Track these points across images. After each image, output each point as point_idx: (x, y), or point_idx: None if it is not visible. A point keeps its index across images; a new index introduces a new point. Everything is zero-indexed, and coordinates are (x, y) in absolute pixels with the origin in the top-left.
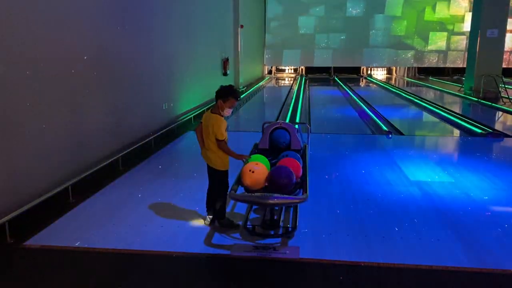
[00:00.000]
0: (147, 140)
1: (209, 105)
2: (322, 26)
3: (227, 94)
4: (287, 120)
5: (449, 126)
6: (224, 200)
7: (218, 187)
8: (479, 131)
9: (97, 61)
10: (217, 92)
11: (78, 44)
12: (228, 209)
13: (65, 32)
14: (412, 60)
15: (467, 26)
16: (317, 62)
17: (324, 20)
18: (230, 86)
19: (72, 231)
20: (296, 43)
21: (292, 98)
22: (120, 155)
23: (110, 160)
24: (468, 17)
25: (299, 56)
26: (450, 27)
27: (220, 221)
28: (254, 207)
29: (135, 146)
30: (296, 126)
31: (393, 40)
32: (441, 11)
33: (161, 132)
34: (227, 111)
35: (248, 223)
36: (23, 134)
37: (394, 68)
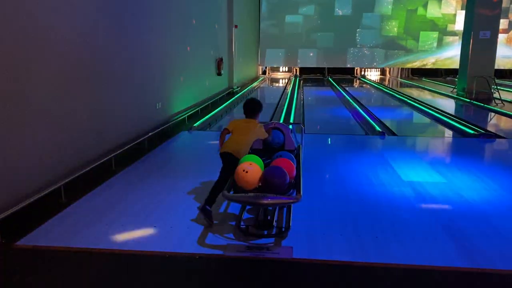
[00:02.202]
0: (140, 139)
1: (203, 105)
2: (309, 26)
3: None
4: (281, 120)
5: (441, 127)
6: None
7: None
8: (472, 132)
9: (89, 60)
10: (260, 107)
11: (71, 43)
12: (221, 209)
13: (55, 29)
14: (403, 61)
15: (458, 26)
16: (302, 62)
17: (312, 19)
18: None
19: (64, 231)
20: (282, 43)
21: (286, 99)
22: (113, 154)
23: (103, 160)
24: (460, 16)
25: (283, 56)
26: (442, 26)
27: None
28: (248, 207)
29: (128, 146)
30: (290, 126)
31: (383, 40)
32: (433, 10)
33: (155, 131)
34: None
35: (242, 223)
36: (15, 134)
37: (387, 69)
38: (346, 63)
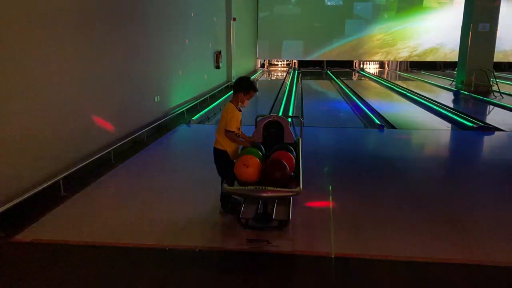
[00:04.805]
0: (139, 133)
1: (202, 98)
2: (298, 16)
3: (248, 88)
4: (280, 113)
5: (440, 120)
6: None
7: (225, 169)
8: (470, 124)
9: (87, 54)
10: (238, 85)
11: (69, 37)
12: None
13: (55, 25)
14: (398, 54)
15: (454, 17)
16: (285, 55)
17: (300, 8)
18: (249, 79)
19: (63, 225)
20: (279, 35)
21: (285, 92)
22: (112, 148)
23: (102, 153)
24: (457, 7)
25: (281, 48)
26: (439, 17)
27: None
28: (248, 200)
29: (127, 139)
30: (289, 119)
31: (375, 31)
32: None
33: (154, 125)
34: (246, 103)
35: (241, 216)
36: (13, 128)
37: (386, 62)
38: (333, 57)
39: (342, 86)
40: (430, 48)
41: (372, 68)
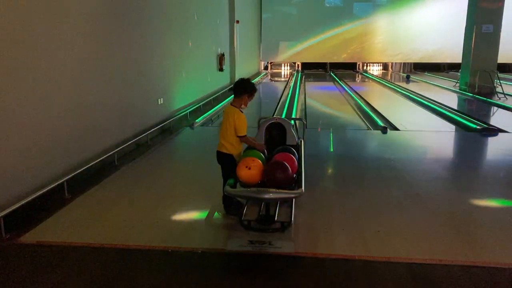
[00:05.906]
0: (142, 135)
1: (205, 101)
2: (299, 18)
3: (252, 89)
4: (283, 116)
5: (444, 121)
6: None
7: (231, 172)
8: (474, 126)
9: (91, 56)
10: (242, 88)
11: (72, 39)
12: None
13: (58, 27)
14: (400, 56)
15: (456, 17)
16: (282, 57)
17: (303, 10)
18: (249, 80)
19: (67, 227)
20: (280, 37)
21: (288, 94)
22: (116, 150)
23: (106, 156)
24: (459, 5)
25: (281, 50)
26: (440, 18)
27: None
28: (250, 202)
29: (130, 142)
30: (292, 121)
31: (375, 32)
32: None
33: (157, 127)
34: (248, 104)
35: (244, 218)
36: (18, 129)
37: (389, 64)
38: (331, 59)
39: (345, 87)
40: (429, 52)
41: (375, 70)
